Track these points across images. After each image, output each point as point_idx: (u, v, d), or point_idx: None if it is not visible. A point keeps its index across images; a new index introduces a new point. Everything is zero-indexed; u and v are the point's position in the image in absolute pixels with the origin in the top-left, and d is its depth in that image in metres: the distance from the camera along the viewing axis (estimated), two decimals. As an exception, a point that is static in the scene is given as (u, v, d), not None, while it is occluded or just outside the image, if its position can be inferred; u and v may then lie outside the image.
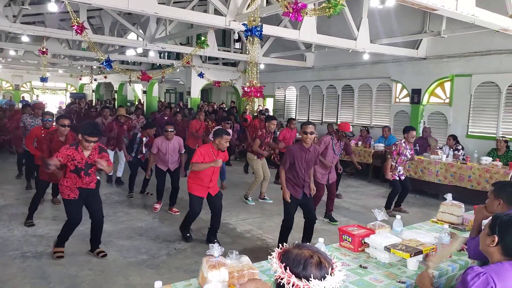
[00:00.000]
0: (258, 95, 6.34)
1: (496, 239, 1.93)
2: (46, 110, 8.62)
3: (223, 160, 4.97)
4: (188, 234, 5.04)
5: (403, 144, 6.36)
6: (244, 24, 5.36)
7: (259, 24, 5.36)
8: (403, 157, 6.37)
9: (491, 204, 2.58)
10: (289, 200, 4.48)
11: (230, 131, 7.62)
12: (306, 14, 4.70)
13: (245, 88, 6.74)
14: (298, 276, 1.26)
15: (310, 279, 1.25)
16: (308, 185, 4.63)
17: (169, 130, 6.06)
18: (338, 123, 10.99)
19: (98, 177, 4.39)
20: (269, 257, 1.39)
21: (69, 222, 4.23)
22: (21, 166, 8.21)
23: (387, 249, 2.58)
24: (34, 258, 4.30)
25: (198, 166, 4.67)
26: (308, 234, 4.72)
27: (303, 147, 4.49)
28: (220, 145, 4.74)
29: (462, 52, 8.85)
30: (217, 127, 7.54)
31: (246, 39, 5.47)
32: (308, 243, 1.41)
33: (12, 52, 15.56)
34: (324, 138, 6.01)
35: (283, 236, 4.60)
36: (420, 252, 2.52)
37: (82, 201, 4.23)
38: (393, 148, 6.45)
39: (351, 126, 6.03)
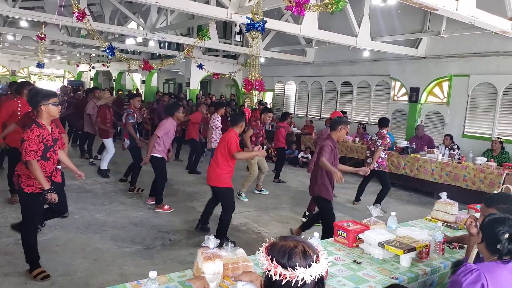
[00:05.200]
0: (260, 88, 6.32)
1: (481, 235, 1.98)
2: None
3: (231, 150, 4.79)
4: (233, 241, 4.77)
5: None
6: (248, 18, 5.33)
7: (263, 18, 5.33)
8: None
9: None
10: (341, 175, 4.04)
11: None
12: (309, 9, 4.68)
13: (249, 82, 6.69)
14: (284, 266, 1.29)
15: (296, 267, 1.28)
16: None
17: (182, 111, 5.85)
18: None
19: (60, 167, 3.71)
20: (257, 252, 1.41)
21: (31, 224, 3.48)
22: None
23: (381, 245, 2.61)
24: (29, 244, 4.30)
25: (244, 155, 4.72)
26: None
27: (335, 143, 4.36)
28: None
29: (461, 53, 8.87)
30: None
31: (247, 32, 5.42)
32: (293, 235, 1.43)
33: (10, 37, 15.41)
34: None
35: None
36: (414, 249, 2.54)
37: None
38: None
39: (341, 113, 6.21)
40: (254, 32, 5.17)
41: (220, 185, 4.63)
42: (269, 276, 1.30)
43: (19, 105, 5.48)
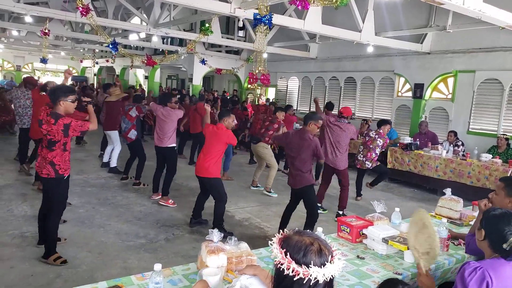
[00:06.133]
0: (266, 82, 6.31)
1: (483, 232, 1.96)
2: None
3: (232, 143, 5.02)
4: (230, 232, 4.76)
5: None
6: (254, 13, 5.31)
7: (269, 13, 5.30)
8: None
9: (501, 202, 2.51)
10: None
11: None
12: (313, 3, 4.65)
13: (254, 75, 6.64)
14: (298, 263, 1.27)
15: (310, 266, 1.25)
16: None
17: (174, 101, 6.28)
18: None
19: None
20: (269, 242, 1.39)
21: (61, 208, 3.91)
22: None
23: (385, 240, 2.60)
24: (33, 238, 4.34)
25: None
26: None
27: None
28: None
29: (467, 48, 8.79)
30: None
31: (255, 28, 5.42)
32: (308, 230, 1.41)
33: (14, 33, 15.44)
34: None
35: None
36: (418, 244, 2.53)
37: None
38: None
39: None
40: (261, 26, 5.14)
41: (211, 176, 4.73)
42: (281, 270, 1.28)
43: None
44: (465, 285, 1.84)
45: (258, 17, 5.16)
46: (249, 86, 15.73)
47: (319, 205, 6.04)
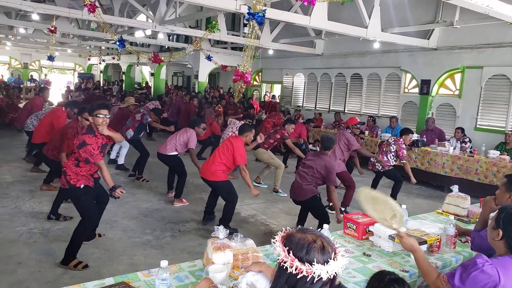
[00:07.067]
0: (244, 80, 6.17)
1: (501, 233, 1.88)
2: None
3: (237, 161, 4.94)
4: (234, 228, 4.77)
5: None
6: (248, 8, 5.26)
7: (263, 9, 5.24)
8: None
9: (501, 196, 2.52)
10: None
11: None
12: (319, -1, 4.61)
13: (240, 72, 6.59)
14: (301, 260, 1.26)
15: (313, 263, 1.25)
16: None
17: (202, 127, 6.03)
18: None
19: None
20: (272, 240, 1.39)
21: (88, 220, 3.69)
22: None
23: (391, 238, 2.59)
24: (41, 234, 4.38)
25: (245, 175, 4.78)
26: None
27: None
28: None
29: (474, 44, 8.70)
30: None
31: (247, 23, 5.37)
32: (311, 228, 1.40)
33: (21, 30, 15.54)
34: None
35: None
36: (425, 242, 2.52)
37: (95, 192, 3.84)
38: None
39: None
40: (252, 23, 5.08)
41: (214, 179, 4.72)
42: (284, 268, 1.27)
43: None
44: (468, 272, 1.79)
45: (251, 12, 5.08)
46: (234, 83, 15.72)
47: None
